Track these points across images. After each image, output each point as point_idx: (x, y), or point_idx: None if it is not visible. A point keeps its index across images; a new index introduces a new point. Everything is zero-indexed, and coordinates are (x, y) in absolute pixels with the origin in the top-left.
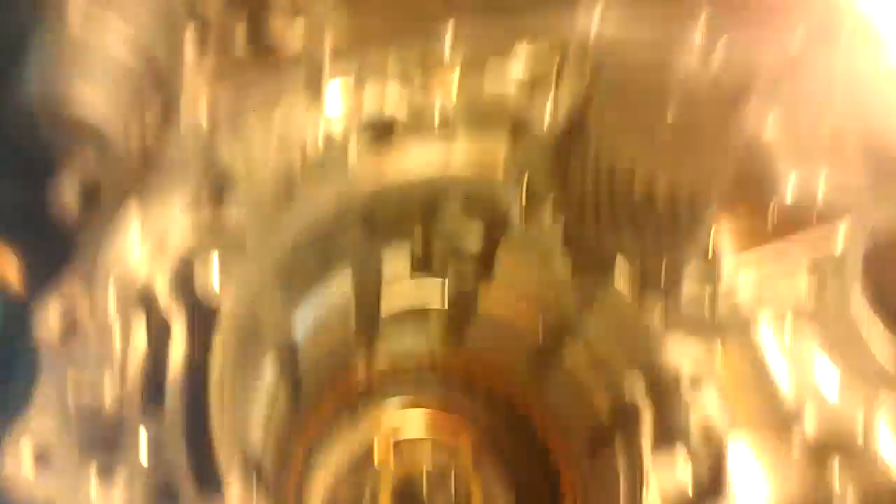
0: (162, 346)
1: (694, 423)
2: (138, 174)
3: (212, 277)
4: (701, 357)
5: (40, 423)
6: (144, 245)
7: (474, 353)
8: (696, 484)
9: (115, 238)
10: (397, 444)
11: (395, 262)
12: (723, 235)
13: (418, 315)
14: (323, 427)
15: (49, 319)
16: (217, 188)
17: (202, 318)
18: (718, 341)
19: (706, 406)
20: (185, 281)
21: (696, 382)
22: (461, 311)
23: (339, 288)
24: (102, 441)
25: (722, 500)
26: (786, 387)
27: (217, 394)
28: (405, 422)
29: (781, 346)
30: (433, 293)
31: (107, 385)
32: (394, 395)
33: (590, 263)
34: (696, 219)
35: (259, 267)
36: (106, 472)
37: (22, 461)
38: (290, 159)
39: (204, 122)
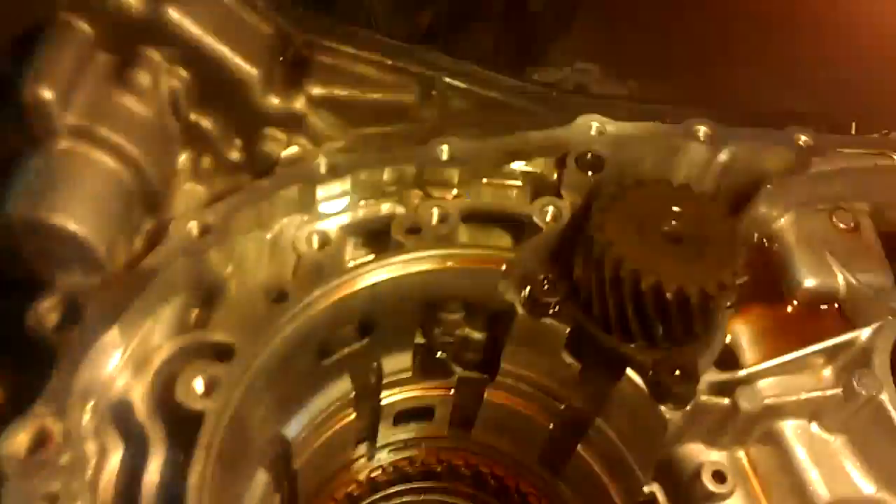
0: (138, 461)
1: None
2: (123, 290)
3: (193, 389)
4: (724, 461)
5: None
6: (125, 361)
7: (482, 446)
8: None
9: (94, 354)
10: None
11: (397, 366)
12: (739, 339)
13: (422, 413)
14: None
15: (17, 435)
16: (205, 300)
17: (183, 432)
18: (741, 448)
19: None
20: (165, 395)
21: (719, 486)
22: (467, 405)
23: (337, 393)
24: None
25: None
26: (819, 491)
27: None
28: None
29: (810, 450)
30: (437, 392)
31: (77, 495)
32: (399, 493)
33: (600, 363)
34: (710, 325)
35: (247, 375)
36: None
37: None
38: (283, 262)
39: (195, 236)
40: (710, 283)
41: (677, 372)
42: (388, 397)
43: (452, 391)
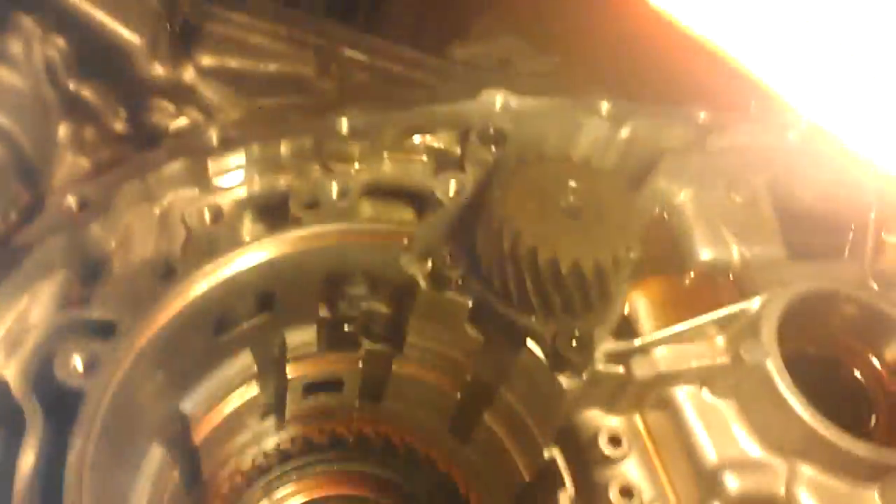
0: (13, 442)
1: (614, 490)
2: None
3: (73, 366)
4: (620, 426)
5: None
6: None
7: (392, 415)
8: None
9: None
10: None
11: (301, 340)
12: (637, 309)
13: (331, 383)
14: (231, 502)
15: None
16: (88, 277)
17: (63, 412)
18: (637, 413)
19: (628, 472)
20: (44, 371)
21: (615, 449)
22: (376, 377)
23: (238, 367)
24: None
25: None
26: (708, 452)
27: (74, 494)
28: (322, 487)
29: (701, 414)
30: (345, 364)
31: None
32: (310, 463)
33: (502, 334)
34: (606, 297)
35: (130, 353)
36: None
37: None
38: (172, 238)
39: (74, 210)
40: (605, 257)
41: (575, 342)
42: (294, 371)
43: (360, 364)
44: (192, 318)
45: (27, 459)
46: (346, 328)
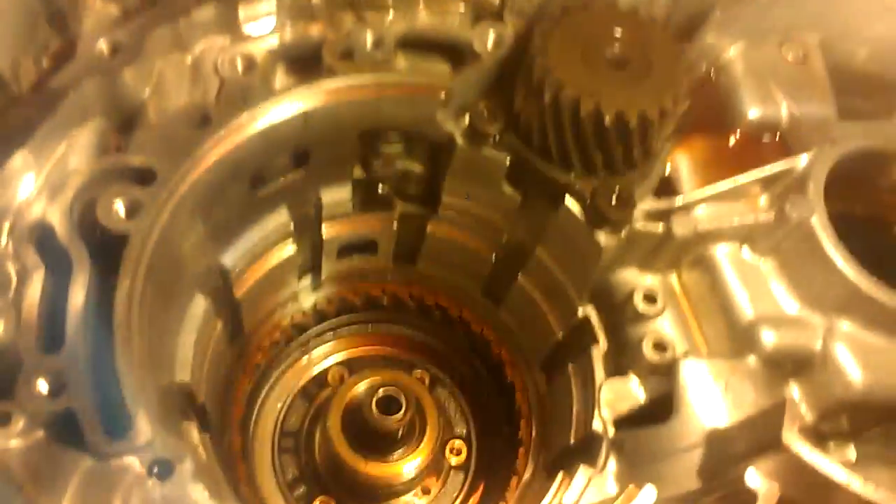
0: (62, 282)
1: (647, 345)
2: (32, 111)
3: (115, 211)
4: (656, 284)
5: None
6: (39, 180)
7: (426, 278)
8: (649, 403)
9: (6, 176)
10: (349, 369)
11: (336, 198)
12: (679, 169)
13: (365, 244)
14: (270, 357)
15: None
16: (124, 125)
17: (107, 252)
18: (674, 272)
19: (661, 329)
20: (87, 215)
21: (649, 307)
22: (410, 239)
23: (275, 224)
24: None
25: (675, 419)
26: (745, 308)
27: (124, 331)
28: (357, 347)
29: (739, 272)
30: (379, 225)
31: (0, 319)
32: (345, 324)
33: (540, 193)
34: (648, 153)
35: (172, 200)
36: (1, 415)
37: None
38: (206, 88)
39: (105, 55)
40: (651, 108)
41: (614, 199)
42: (330, 230)
43: (395, 225)
44: (230, 168)
45: (76, 298)
46: (380, 189)
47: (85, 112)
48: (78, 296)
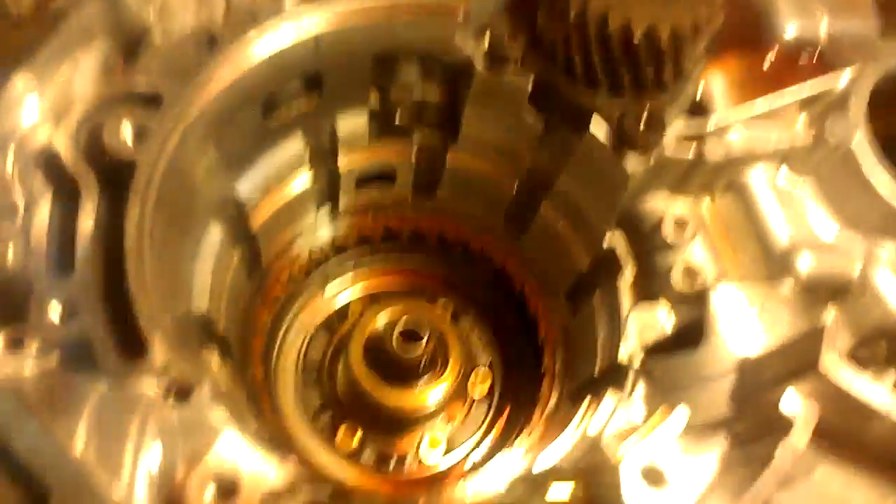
0: (71, 207)
1: (677, 273)
2: (33, 35)
3: (122, 136)
4: (686, 210)
5: None
6: (43, 104)
7: (447, 209)
8: (678, 332)
9: (5, 99)
10: (370, 303)
11: (352, 126)
12: (712, 90)
13: (384, 175)
14: (290, 290)
15: None
16: (129, 50)
17: (116, 178)
18: (705, 197)
19: (692, 256)
20: (94, 140)
21: (679, 234)
22: (429, 169)
23: (289, 152)
24: (7, 308)
25: (706, 345)
26: (780, 233)
27: (135, 255)
28: (378, 279)
29: (776, 194)
30: (397, 155)
31: (10, 240)
32: (365, 256)
33: (564, 118)
34: (680, 73)
35: (181, 124)
36: (14, 340)
37: None
38: (212, 10)
39: None
40: (684, 23)
41: (643, 122)
42: (346, 161)
43: (413, 154)
44: (239, 94)
45: (86, 224)
46: (397, 119)
47: (88, 34)
48: (87, 222)
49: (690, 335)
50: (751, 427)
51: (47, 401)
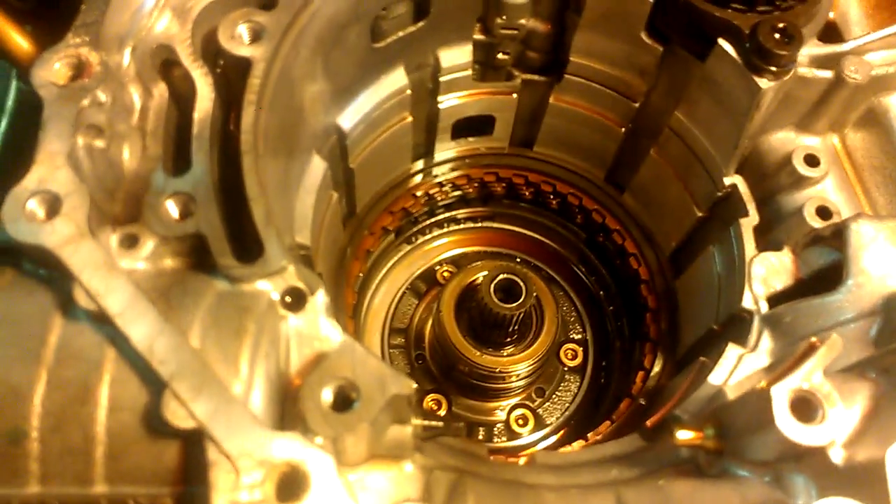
0: (186, 105)
1: (810, 210)
2: None
3: (239, 34)
4: (817, 145)
5: (46, 173)
6: (162, 6)
7: (544, 163)
8: (807, 278)
9: None
10: (461, 262)
11: (455, 61)
12: (847, 14)
13: (482, 122)
14: (382, 245)
15: (52, 63)
16: None
17: (230, 77)
18: (835, 134)
19: (824, 193)
20: (210, 39)
21: (811, 170)
22: (529, 115)
23: (392, 86)
24: (126, 198)
25: (846, 286)
26: None
27: (252, 155)
28: (470, 244)
29: None
30: (498, 99)
31: (126, 138)
32: (457, 216)
33: (687, 38)
34: None
35: (294, 28)
36: (130, 238)
37: (28, 202)
38: None
39: None
40: None
41: (778, 34)
42: (446, 101)
43: (515, 95)
44: (351, 7)
45: (201, 124)
46: (500, 56)
47: None
48: (202, 120)
49: (821, 280)
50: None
51: (163, 297)
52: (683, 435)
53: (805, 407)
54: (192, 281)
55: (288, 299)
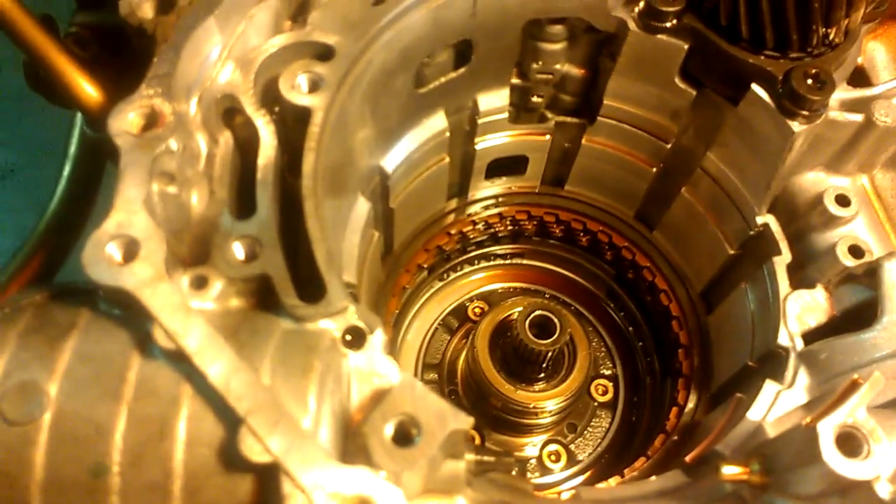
0: (250, 151)
1: (843, 249)
2: None
3: (299, 84)
4: (848, 186)
5: (124, 218)
6: (225, 52)
7: (574, 202)
8: (841, 315)
9: (192, 45)
10: (494, 299)
11: (492, 105)
12: (874, 59)
13: (516, 162)
14: (416, 281)
15: (128, 114)
16: (299, 9)
17: (291, 125)
18: (864, 175)
19: (855, 233)
20: (270, 89)
21: (842, 210)
22: (561, 156)
23: (433, 129)
24: (194, 241)
25: (881, 323)
26: None
27: (312, 200)
28: (502, 276)
29: None
30: (532, 140)
31: (194, 184)
32: (489, 252)
33: (721, 83)
34: (848, 28)
35: (350, 77)
36: (200, 280)
37: (107, 246)
38: None
39: None
40: None
41: (810, 80)
42: (483, 143)
43: (548, 137)
44: (399, 53)
45: (265, 168)
46: (534, 98)
47: None
48: (266, 167)
49: (854, 317)
50: None
51: (234, 335)
52: (730, 470)
53: (851, 442)
54: (259, 320)
55: (348, 337)
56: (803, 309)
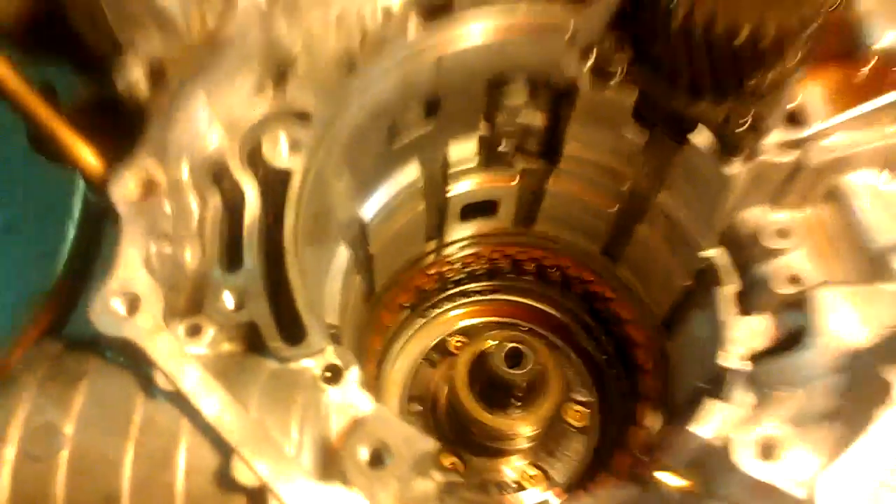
0: (237, 210)
1: (780, 280)
2: (202, 55)
3: (280, 148)
4: (787, 220)
5: (127, 276)
6: (213, 120)
7: (545, 239)
8: (784, 339)
9: (184, 114)
10: (471, 334)
11: (461, 155)
12: (809, 100)
13: (486, 207)
14: (399, 319)
15: (127, 182)
16: (279, 67)
17: (273, 185)
18: (806, 208)
19: (794, 264)
20: (254, 152)
21: (781, 243)
22: (530, 198)
23: (407, 179)
24: (189, 300)
25: (811, 347)
26: (882, 238)
27: (293, 253)
28: (479, 311)
29: (877, 200)
30: (500, 184)
31: (187, 243)
32: (466, 290)
33: (665, 130)
34: (782, 73)
35: (326, 139)
36: (194, 328)
37: (112, 301)
38: (350, 38)
39: (263, 5)
40: (790, 21)
41: (745, 125)
42: (454, 189)
43: (515, 182)
44: (372, 114)
45: (250, 227)
46: (502, 146)
47: (247, 60)
48: (251, 225)
49: (798, 339)
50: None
51: (224, 378)
52: (668, 479)
53: (768, 450)
54: (247, 362)
55: (328, 374)
56: (748, 334)
